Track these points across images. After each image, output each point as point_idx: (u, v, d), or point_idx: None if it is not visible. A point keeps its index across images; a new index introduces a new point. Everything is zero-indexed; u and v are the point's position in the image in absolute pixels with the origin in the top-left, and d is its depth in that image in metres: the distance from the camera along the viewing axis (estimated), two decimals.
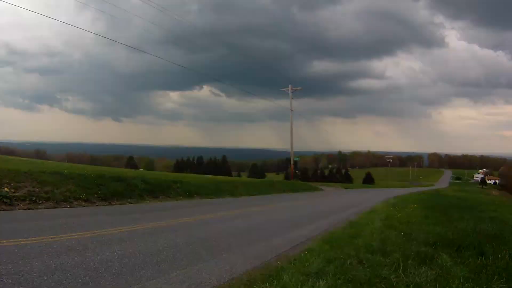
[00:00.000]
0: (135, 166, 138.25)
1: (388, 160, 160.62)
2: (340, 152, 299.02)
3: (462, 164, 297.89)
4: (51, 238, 7.89)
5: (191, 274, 6.32)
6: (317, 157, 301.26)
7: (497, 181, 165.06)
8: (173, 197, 18.93)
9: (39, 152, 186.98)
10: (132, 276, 5.95)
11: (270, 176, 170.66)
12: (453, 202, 23.34)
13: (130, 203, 15.79)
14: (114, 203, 15.13)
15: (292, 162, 54.16)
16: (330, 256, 7.44)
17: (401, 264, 6.82)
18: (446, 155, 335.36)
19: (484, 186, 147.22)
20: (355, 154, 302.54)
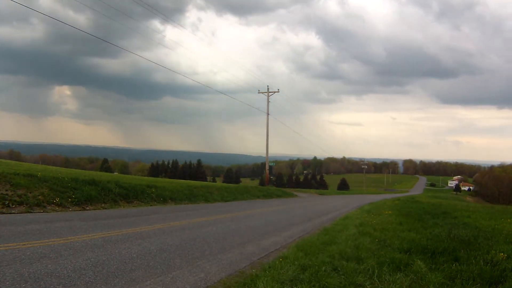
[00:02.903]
0: (109, 170, 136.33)
1: (363, 166, 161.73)
2: (315, 158, 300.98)
3: (436, 170, 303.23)
4: (24, 244, 7.81)
5: (166, 282, 6.34)
6: (292, 162, 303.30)
7: (471, 187, 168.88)
8: (147, 203, 18.82)
9: (13, 153, 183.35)
10: (106, 285, 5.94)
11: (245, 181, 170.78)
12: (427, 209, 23.73)
13: (104, 208, 15.66)
14: (88, 208, 14.98)
15: (267, 167, 54.05)
16: (304, 264, 7.54)
17: (376, 271, 6.98)
18: (421, 162, 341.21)
19: (458, 193, 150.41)
20: (330, 160, 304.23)
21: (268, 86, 53.24)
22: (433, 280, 6.52)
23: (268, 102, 52.66)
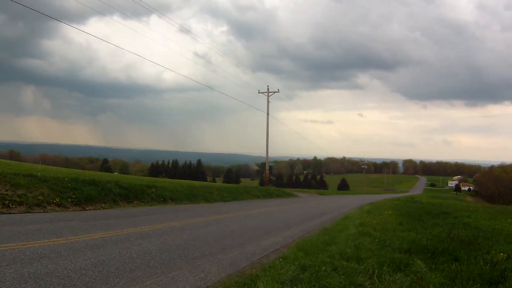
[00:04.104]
0: (109, 170, 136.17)
1: (363, 167, 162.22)
2: (315, 158, 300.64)
3: (436, 170, 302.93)
4: (24, 244, 7.80)
5: (166, 282, 6.33)
6: (292, 162, 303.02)
7: (471, 187, 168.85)
8: (147, 203, 18.81)
9: (13, 153, 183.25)
10: (106, 285, 5.93)
11: (245, 181, 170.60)
12: (427, 209, 23.73)
13: (104, 208, 15.65)
14: (88, 208, 14.97)
15: (267, 167, 54.04)
16: (304, 264, 7.53)
17: (376, 271, 6.97)
18: (421, 162, 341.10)
19: (458, 193, 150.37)
20: (330, 160, 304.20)
21: (268, 86, 53.25)
22: (433, 280, 6.51)
23: (268, 102, 52.60)
